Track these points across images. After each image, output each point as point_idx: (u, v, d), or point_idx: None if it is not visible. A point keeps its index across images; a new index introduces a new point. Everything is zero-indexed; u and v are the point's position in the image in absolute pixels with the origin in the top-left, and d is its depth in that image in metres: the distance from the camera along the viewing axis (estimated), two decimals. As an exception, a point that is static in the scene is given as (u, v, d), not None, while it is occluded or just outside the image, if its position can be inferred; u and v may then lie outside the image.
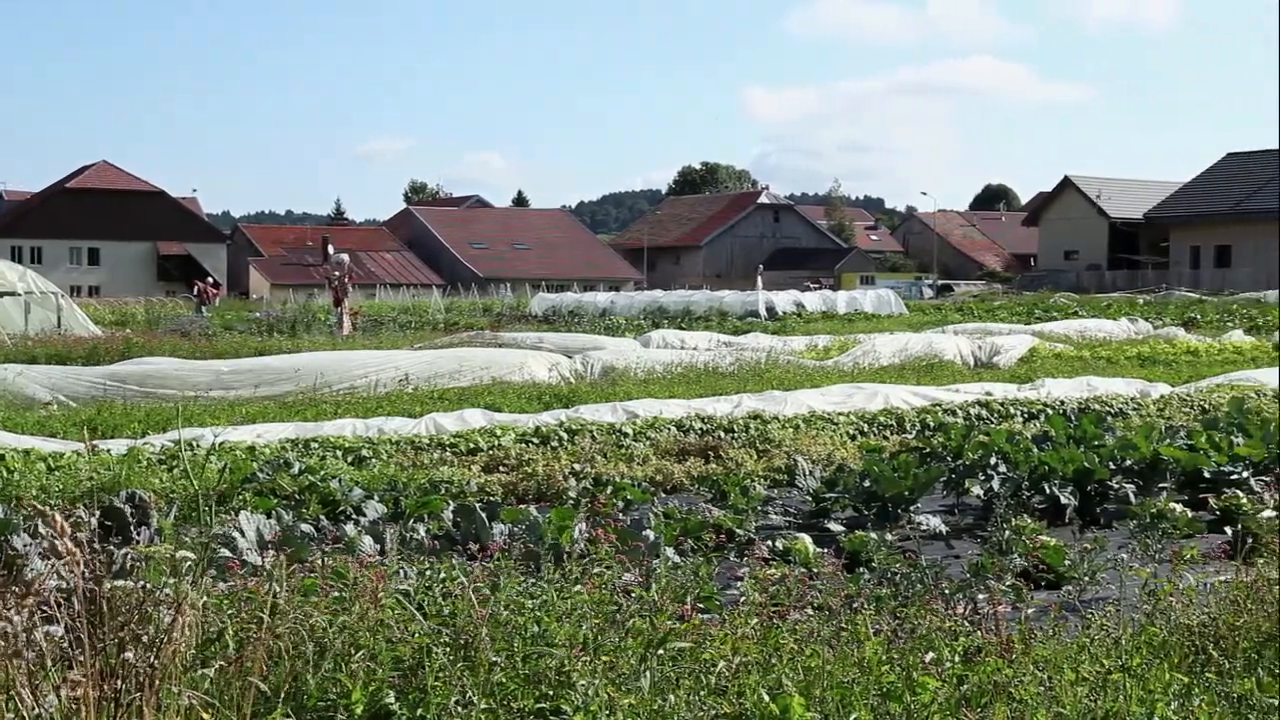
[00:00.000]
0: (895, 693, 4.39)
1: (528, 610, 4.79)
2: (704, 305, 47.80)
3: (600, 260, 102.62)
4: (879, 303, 48.05)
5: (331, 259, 38.67)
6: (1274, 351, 27.06)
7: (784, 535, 8.98)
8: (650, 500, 10.27)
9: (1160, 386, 18.38)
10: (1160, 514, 9.29)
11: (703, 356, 22.86)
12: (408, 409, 15.85)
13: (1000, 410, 15.70)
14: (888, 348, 24.75)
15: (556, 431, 13.40)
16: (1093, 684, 4.42)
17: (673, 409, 14.98)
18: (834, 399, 16.41)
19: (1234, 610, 5.49)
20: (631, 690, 4.35)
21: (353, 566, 5.16)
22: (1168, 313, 42.99)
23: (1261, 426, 12.50)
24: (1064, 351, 26.58)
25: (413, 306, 52.69)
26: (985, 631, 5.31)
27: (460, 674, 4.40)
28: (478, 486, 11.01)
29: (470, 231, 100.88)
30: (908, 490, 9.96)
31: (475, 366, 20.04)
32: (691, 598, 5.54)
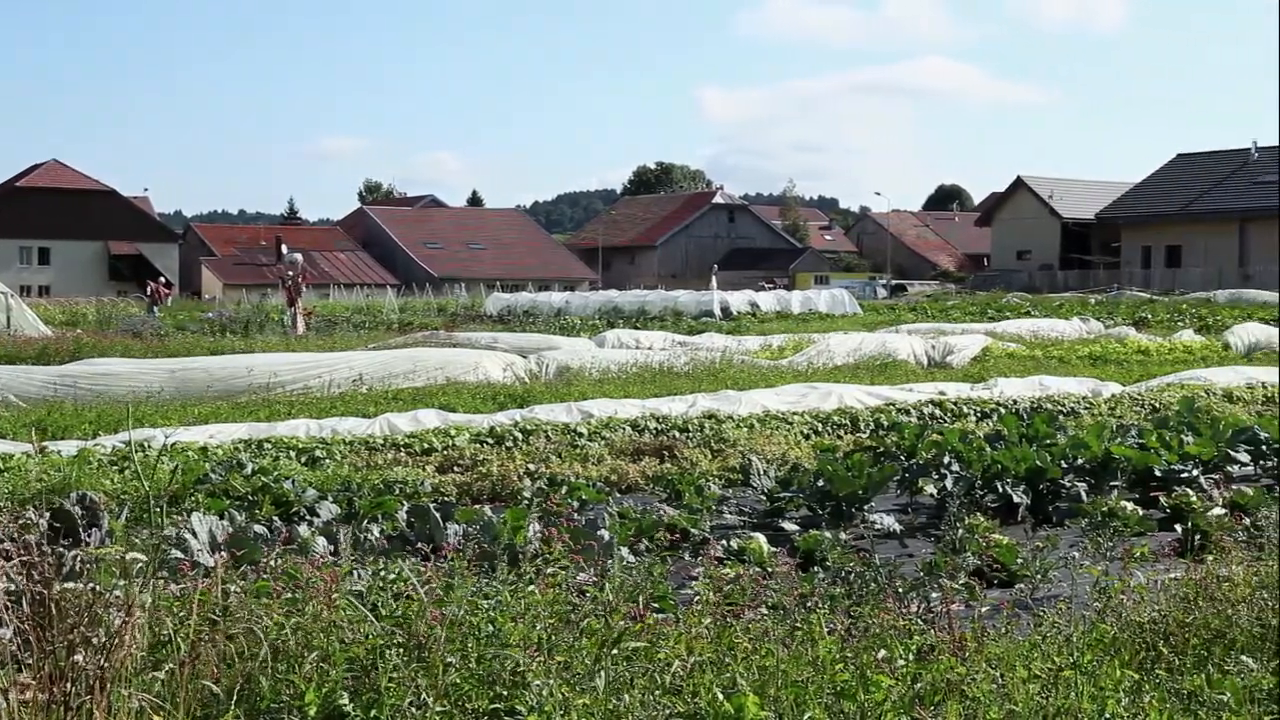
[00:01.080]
0: (849, 691, 4.40)
1: (482, 610, 4.78)
2: (659, 305, 47.82)
3: (555, 260, 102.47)
4: (833, 302, 48.20)
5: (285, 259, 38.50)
6: (1223, 350, 27.30)
7: (739, 534, 8.99)
8: (605, 500, 10.26)
9: (1112, 386, 18.51)
10: (1111, 512, 9.35)
11: (658, 356, 22.87)
12: (362, 409, 15.79)
13: (954, 409, 15.77)
14: (842, 347, 24.83)
15: (511, 431, 13.37)
16: (1044, 681, 4.45)
17: (628, 409, 14.98)
18: (788, 398, 16.45)
19: (1184, 607, 5.53)
20: (586, 690, 4.34)
21: (306, 567, 5.13)
22: (1119, 312, 43.30)
23: (1211, 425, 12.61)
24: (1017, 351, 26.73)
25: (367, 306, 52.48)
26: (938, 630, 5.33)
27: (414, 675, 4.38)
28: (432, 487, 10.98)
29: (425, 231, 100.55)
30: (862, 489, 9.99)
31: (430, 367, 19.98)
32: (646, 597, 5.54)
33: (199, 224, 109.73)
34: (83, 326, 37.40)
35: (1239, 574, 6.00)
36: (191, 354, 24.44)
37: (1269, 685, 4.63)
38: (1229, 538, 7.81)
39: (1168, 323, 38.38)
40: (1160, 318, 40.45)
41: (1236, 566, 6.28)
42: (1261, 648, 5.13)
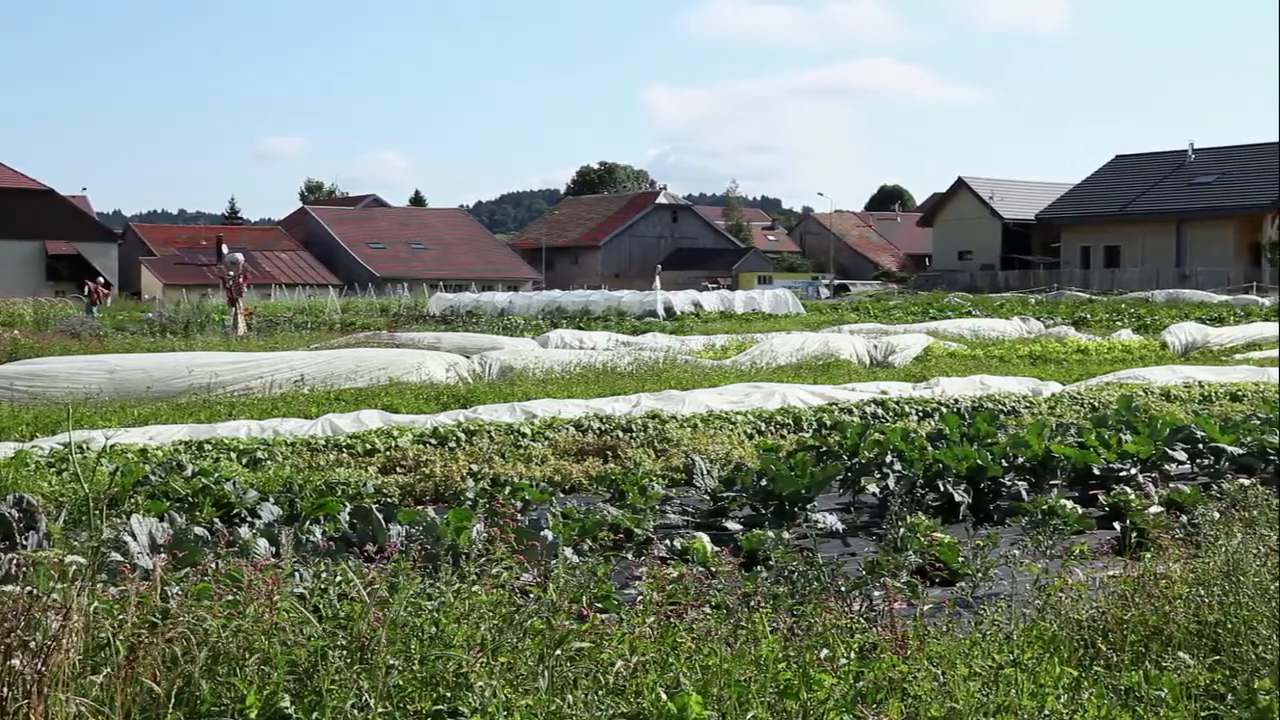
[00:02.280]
0: (792, 690, 4.42)
1: (425, 612, 4.76)
2: (602, 305, 47.81)
3: (498, 260, 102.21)
4: (776, 302, 48.36)
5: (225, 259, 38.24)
6: (1160, 350, 27.58)
7: (682, 534, 9.00)
8: (549, 500, 10.25)
9: (1051, 385, 18.66)
10: (1051, 510, 9.42)
11: (601, 356, 22.87)
12: (304, 410, 15.71)
13: (896, 409, 15.85)
14: (785, 347, 24.91)
15: (454, 432, 13.33)
16: (985, 679, 4.48)
17: (571, 409, 14.97)
18: (732, 398, 16.49)
19: (1122, 605, 5.58)
20: (529, 691, 4.34)
21: (247, 569, 5.10)
22: (1059, 312, 43.67)
23: (1149, 424, 12.73)
24: (958, 350, 26.91)
25: (309, 307, 52.16)
26: (881, 628, 5.36)
27: (357, 676, 4.36)
28: (375, 488, 10.93)
29: (368, 231, 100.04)
30: (805, 489, 10.02)
31: (372, 367, 19.89)
32: (589, 597, 5.55)
33: (138, 224, 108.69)
34: (20, 327, 36.93)
35: (1176, 571, 6.06)
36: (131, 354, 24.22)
37: (1205, 681, 4.68)
38: (1166, 536, 7.89)
39: (1107, 322, 38.74)
40: (1099, 317, 40.82)
41: (1174, 564, 6.35)
42: (1198, 644, 5.19)
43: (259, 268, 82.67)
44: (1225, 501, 8.55)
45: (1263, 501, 7.65)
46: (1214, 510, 8.36)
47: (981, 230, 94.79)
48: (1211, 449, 12.17)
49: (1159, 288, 62.02)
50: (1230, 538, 6.16)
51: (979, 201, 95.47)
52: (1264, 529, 6.49)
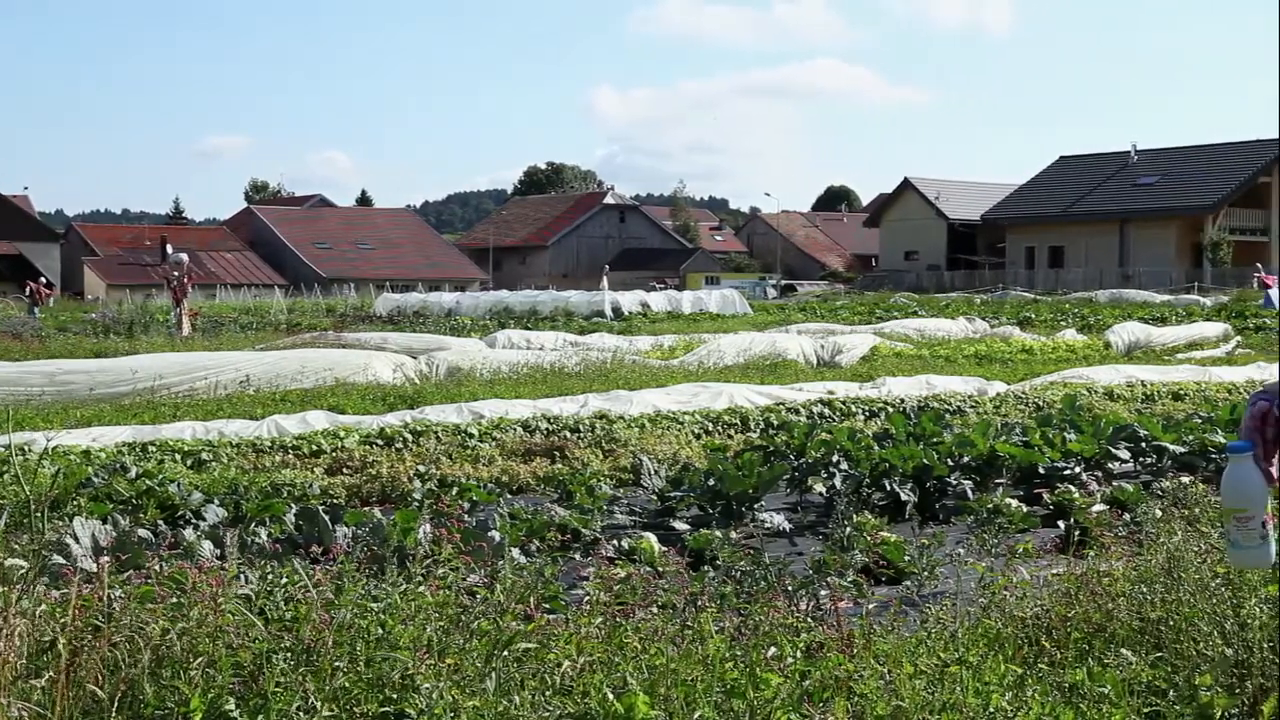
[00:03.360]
0: (739, 689, 4.42)
1: (371, 614, 4.74)
2: (550, 305, 47.76)
3: (446, 260, 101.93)
4: (724, 303, 48.45)
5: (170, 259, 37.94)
6: (1104, 349, 27.82)
7: (630, 534, 9.00)
8: (496, 501, 10.23)
9: (997, 384, 18.77)
10: (997, 509, 9.49)
11: (549, 356, 22.84)
12: (249, 411, 15.61)
13: (842, 408, 15.91)
14: (732, 347, 24.95)
15: (401, 433, 13.29)
16: (931, 677, 4.50)
17: (519, 409, 14.95)
18: (679, 398, 16.51)
19: (1066, 602, 5.62)
20: (476, 692, 4.33)
21: (192, 572, 5.07)
22: (1004, 312, 43.97)
23: (1093, 423, 12.84)
24: (904, 350, 27.04)
25: (254, 307, 51.88)
26: (827, 627, 5.38)
27: (302, 679, 4.34)
28: (321, 489, 10.88)
29: (314, 231, 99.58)
30: (752, 488, 10.04)
31: (318, 368, 19.78)
32: (537, 598, 5.54)
33: (81, 223, 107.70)
34: (-40, 328, 36.59)
35: (1119, 569, 6.11)
36: (74, 355, 24.03)
37: (1148, 677, 4.72)
38: (1109, 534, 7.96)
39: (1051, 322, 39.02)
40: (1044, 317, 41.12)
41: (1117, 561, 6.40)
42: (1141, 641, 5.23)
43: (204, 268, 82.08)
44: (1167, 499, 8.62)
45: (1203, 499, 7.72)
46: (1156, 508, 8.45)
47: (927, 231, 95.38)
48: (1154, 447, 12.28)
49: (1102, 288, 62.56)
50: (1171, 535, 6.21)
51: (925, 202, 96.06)
52: (1205, 526, 6.56)
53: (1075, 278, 76.52)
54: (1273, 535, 3.23)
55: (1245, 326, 35.44)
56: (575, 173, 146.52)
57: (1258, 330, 34.37)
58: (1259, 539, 3.20)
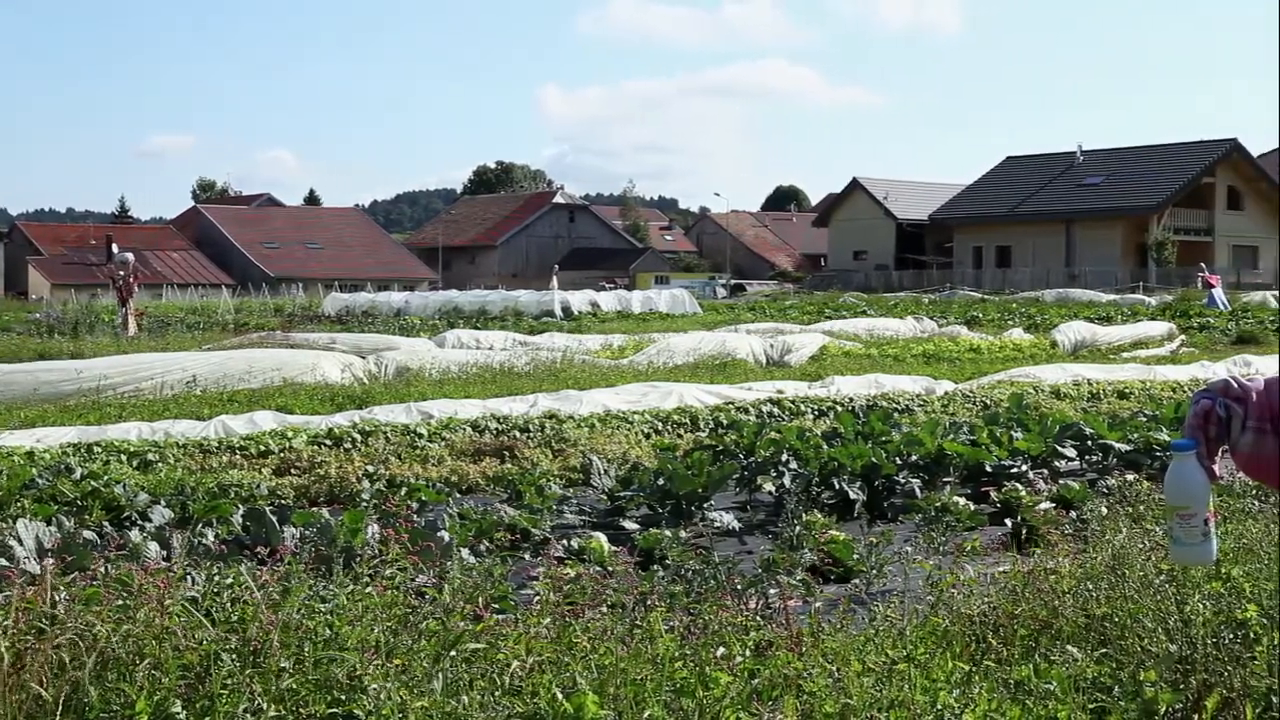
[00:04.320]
0: (688, 688, 4.43)
1: (319, 614, 4.72)
2: (499, 305, 47.66)
3: (394, 260, 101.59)
4: (673, 302, 48.50)
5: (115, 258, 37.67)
6: (1050, 348, 28.02)
7: (579, 534, 9.00)
8: (445, 501, 10.20)
9: (944, 383, 18.87)
10: (944, 507, 9.53)
11: (498, 356, 22.80)
12: (196, 411, 15.51)
13: (792, 408, 15.95)
14: (682, 347, 24.98)
15: (350, 433, 13.23)
16: (879, 674, 4.52)
17: (468, 409, 14.91)
18: (629, 398, 16.51)
19: (1012, 599, 5.66)
20: (425, 693, 4.32)
21: (137, 573, 5.03)
22: (952, 311, 44.20)
23: (1039, 422, 12.93)
24: (853, 350, 27.14)
25: (201, 307, 51.55)
26: (776, 626, 5.39)
27: (249, 680, 4.32)
28: (269, 490, 10.82)
29: (261, 231, 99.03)
30: (701, 488, 10.06)
31: (266, 368, 19.66)
32: (486, 598, 5.52)
33: (25, 222, 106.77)
34: (-98, 328, 36.17)
35: (1065, 566, 6.16)
36: (18, 356, 23.83)
37: (1093, 674, 4.76)
38: (1056, 531, 8.02)
39: (998, 321, 39.25)
40: (991, 316, 41.37)
41: (1063, 559, 6.45)
42: (1086, 637, 5.28)
43: (150, 267, 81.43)
44: (1113, 497, 8.70)
45: (1148, 497, 7.79)
46: (1102, 506, 8.52)
47: (876, 230, 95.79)
48: (1100, 446, 12.37)
49: (1049, 287, 63.04)
50: (1117, 533, 6.27)
51: (873, 202, 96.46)
52: (1149, 524, 6.62)
53: (1022, 277, 77.04)
54: (1214, 533, 3.26)
55: (1189, 326, 35.78)
56: (524, 172, 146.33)
57: (1201, 329, 34.70)
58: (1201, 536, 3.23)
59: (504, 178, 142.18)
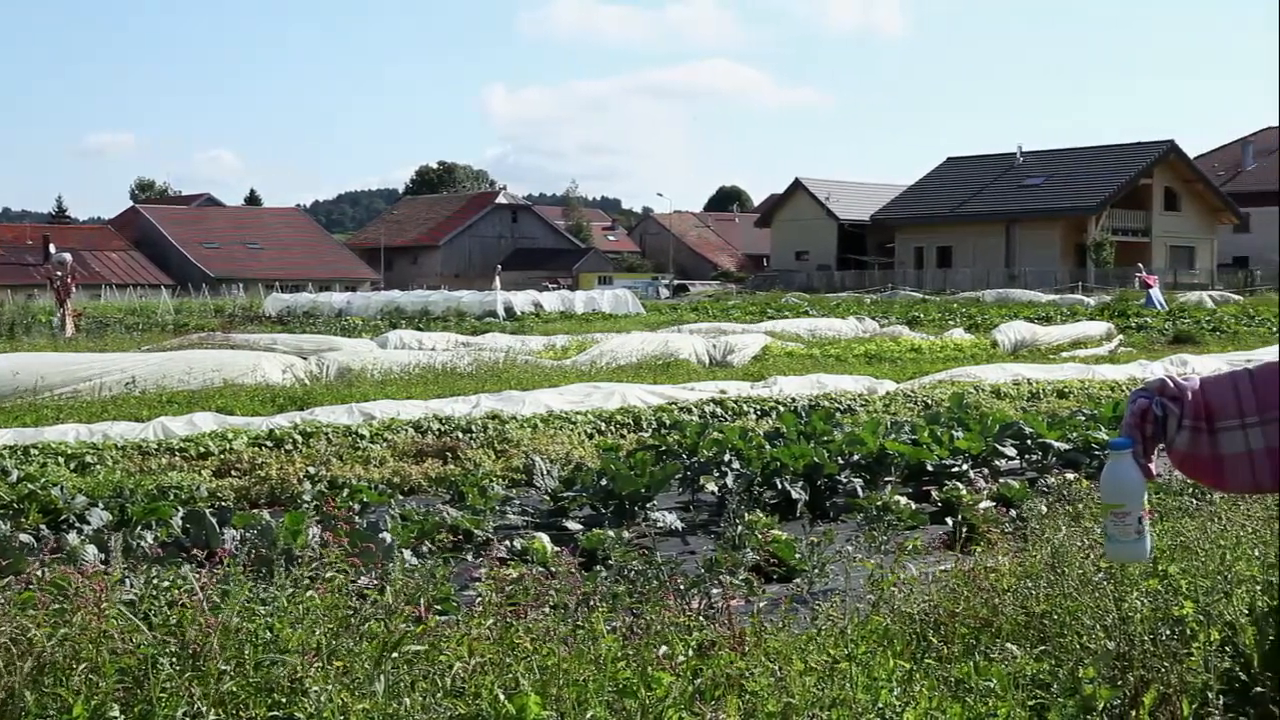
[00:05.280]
0: (631, 688, 4.43)
1: (259, 617, 4.69)
2: (442, 305, 47.52)
3: (336, 260, 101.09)
4: (616, 303, 48.50)
5: (53, 258, 37.25)
6: (991, 348, 28.22)
7: (522, 535, 8.98)
8: (388, 502, 10.17)
9: (886, 383, 18.96)
10: (886, 507, 9.58)
11: (441, 357, 22.72)
12: (135, 413, 15.36)
13: (734, 408, 15.98)
14: (625, 347, 24.98)
15: (291, 434, 13.15)
16: (821, 673, 4.53)
17: (410, 410, 14.85)
18: (572, 398, 16.49)
19: (953, 598, 5.69)
20: (366, 695, 4.29)
21: (74, 576, 4.97)
22: (893, 311, 44.43)
23: (980, 421, 13.01)
24: (795, 350, 27.22)
25: (141, 307, 51.11)
26: (719, 625, 5.40)
27: (189, 684, 4.28)
28: (209, 491, 10.74)
29: (201, 231, 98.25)
30: (644, 488, 10.07)
31: (206, 369, 19.52)
32: (428, 599, 5.50)
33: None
34: None
35: (1005, 565, 6.20)
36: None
37: (1032, 671, 4.79)
38: (996, 530, 8.08)
39: (939, 321, 39.50)
40: (932, 316, 41.62)
41: (1003, 557, 6.49)
42: (1026, 635, 5.31)
43: (88, 268, 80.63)
44: (1052, 496, 8.77)
45: (1087, 495, 7.85)
46: (1041, 504, 8.58)
47: (818, 231, 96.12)
48: (1039, 445, 12.47)
49: (989, 287, 63.49)
50: (1056, 531, 6.31)
51: (816, 202, 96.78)
52: (1088, 522, 6.67)
53: (963, 278, 77.54)
54: (1149, 530, 3.30)
55: (1127, 325, 36.13)
56: (467, 172, 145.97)
57: (1139, 329, 35.05)
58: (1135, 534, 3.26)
59: (447, 178, 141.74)
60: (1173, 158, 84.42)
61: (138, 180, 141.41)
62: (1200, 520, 6.79)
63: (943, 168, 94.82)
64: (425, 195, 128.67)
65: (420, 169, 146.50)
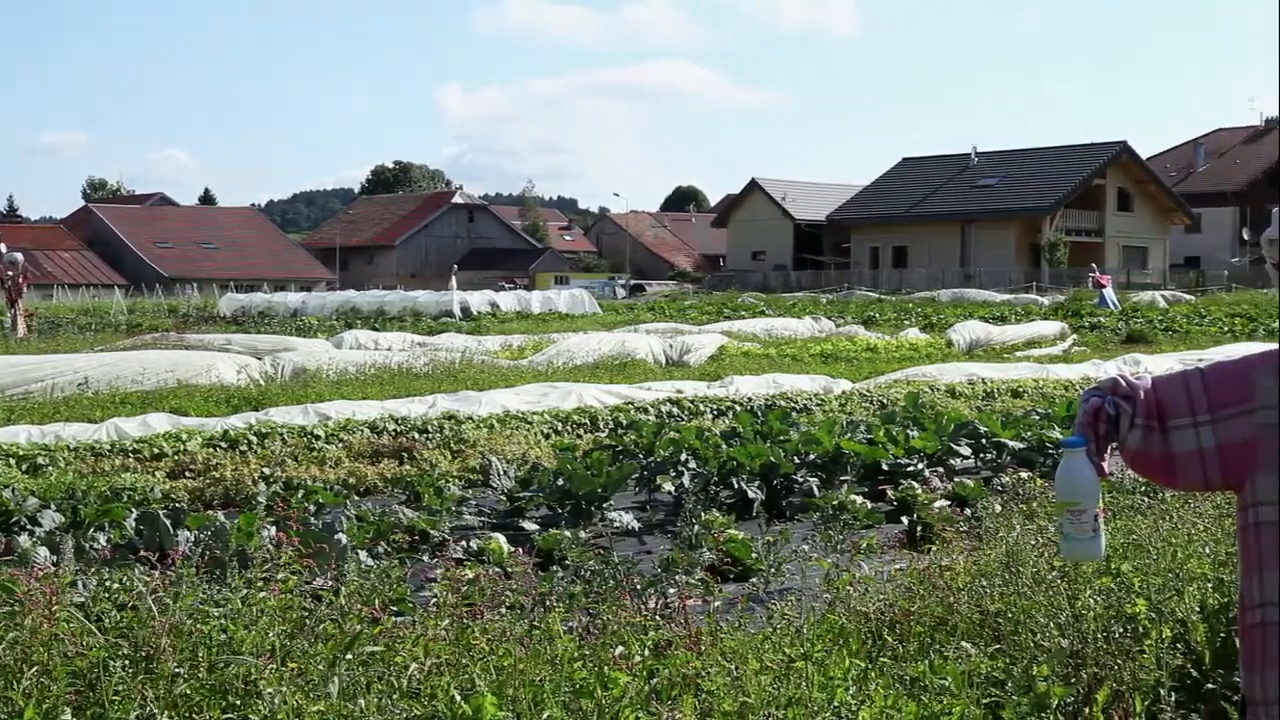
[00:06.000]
0: (587, 689, 4.42)
1: (212, 619, 4.66)
2: (398, 305, 47.34)
3: (291, 260, 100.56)
4: (573, 302, 48.45)
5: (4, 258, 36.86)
6: (946, 348, 28.35)
7: (478, 535, 8.97)
8: (343, 503, 10.12)
9: (842, 382, 19.00)
10: (842, 506, 9.60)
11: (397, 357, 22.65)
12: (88, 414, 15.24)
13: (691, 407, 15.99)
14: (582, 347, 24.97)
15: (246, 435, 13.07)
16: (777, 673, 4.54)
17: (366, 410, 14.79)
18: (528, 398, 16.47)
19: (908, 596, 5.72)
20: (321, 696, 4.27)
21: (24, 579, 4.93)
22: (849, 311, 44.54)
23: (935, 420, 13.07)
24: (752, 350, 27.26)
25: (94, 308, 50.72)
26: (675, 625, 5.40)
27: (141, 687, 4.25)
28: (163, 493, 10.67)
29: (155, 230, 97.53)
30: (601, 488, 10.06)
31: (160, 369, 19.39)
32: (383, 600, 5.48)
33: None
34: None
35: (960, 563, 6.23)
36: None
37: (987, 669, 4.82)
38: (951, 529, 8.12)
39: (895, 321, 39.62)
40: (888, 316, 41.75)
41: (958, 556, 6.53)
42: (980, 633, 5.34)
43: (40, 267, 79.90)
44: (1006, 494, 8.82)
45: (1041, 494, 7.90)
46: (996, 503, 8.62)
47: (774, 231, 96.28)
48: (994, 444, 12.54)
49: (945, 287, 63.72)
50: (1010, 530, 6.35)
51: (772, 202, 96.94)
52: (1042, 520, 6.71)
53: (918, 277, 77.80)
54: (1104, 529, 3.32)
55: (1081, 325, 36.36)
56: (423, 172, 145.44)
57: (1093, 329, 35.28)
58: (1091, 532, 3.28)
59: (402, 177, 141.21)
60: (1125, 158, 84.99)
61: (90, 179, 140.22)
62: (1153, 518, 6.85)
63: (898, 168, 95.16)
64: (381, 195, 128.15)
65: (376, 168, 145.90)
